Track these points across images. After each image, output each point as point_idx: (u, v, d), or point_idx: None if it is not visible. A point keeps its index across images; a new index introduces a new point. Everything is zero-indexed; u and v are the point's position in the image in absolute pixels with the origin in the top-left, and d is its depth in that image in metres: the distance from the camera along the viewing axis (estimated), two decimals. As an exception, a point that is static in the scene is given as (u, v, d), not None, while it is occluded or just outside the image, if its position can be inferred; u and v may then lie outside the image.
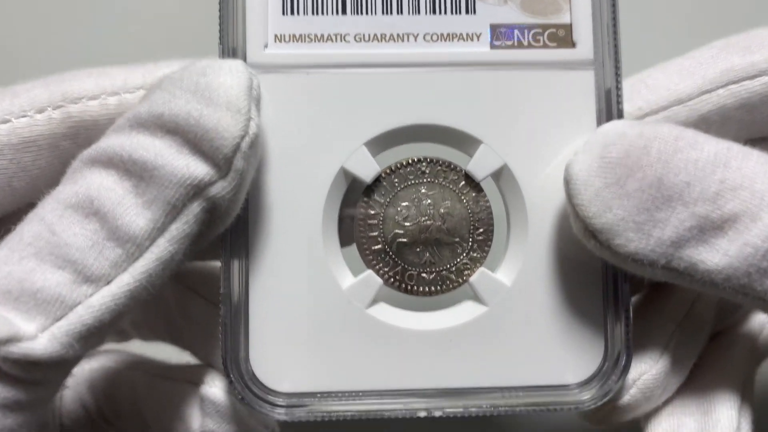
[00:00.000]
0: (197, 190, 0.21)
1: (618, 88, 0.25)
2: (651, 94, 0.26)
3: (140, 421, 0.28)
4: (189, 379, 0.27)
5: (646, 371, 0.25)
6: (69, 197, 0.22)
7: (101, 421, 0.29)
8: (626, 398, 0.25)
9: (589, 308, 0.25)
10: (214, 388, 0.26)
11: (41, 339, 0.20)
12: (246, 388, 0.24)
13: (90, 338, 0.21)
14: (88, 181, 0.22)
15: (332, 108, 0.25)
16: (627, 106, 0.25)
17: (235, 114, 0.21)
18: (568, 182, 0.22)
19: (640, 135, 0.22)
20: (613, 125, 0.23)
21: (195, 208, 0.21)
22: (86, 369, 0.29)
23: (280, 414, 0.25)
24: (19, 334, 0.20)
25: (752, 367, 0.28)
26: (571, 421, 0.37)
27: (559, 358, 0.25)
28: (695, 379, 0.27)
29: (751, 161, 0.22)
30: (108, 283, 0.21)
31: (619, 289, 0.25)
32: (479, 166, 0.25)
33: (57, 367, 0.21)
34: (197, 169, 0.21)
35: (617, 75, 0.25)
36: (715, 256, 0.21)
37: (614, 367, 0.25)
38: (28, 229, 0.22)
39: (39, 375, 0.21)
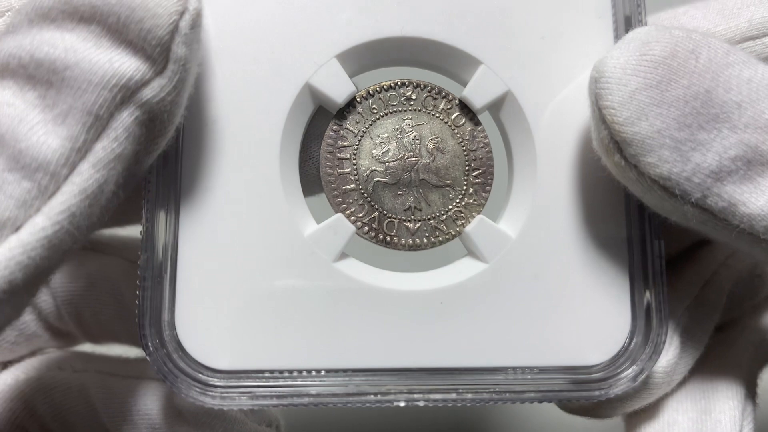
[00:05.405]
0: (126, 92, 0.16)
1: (640, 18, 0.21)
2: None
3: (99, 428, 0.22)
4: (156, 376, 0.22)
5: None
6: None
7: None
8: (630, 390, 0.20)
9: (611, 270, 0.20)
10: None
11: None
12: (168, 361, 0.18)
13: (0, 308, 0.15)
14: None
15: (297, 12, 0.20)
16: None
17: None
18: (597, 80, 0.18)
19: (689, 37, 0.18)
20: (654, 26, 0.18)
21: (126, 119, 0.16)
22: (19, 382, 0.23)
23: (213, 399, 0.18)
24: None
25: (758, 365, 0.24)
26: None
27: (576, 331, 0.20)
28: (694, 374, 0.23)
29: None
30: (16, 229, 0.16)
31: (649, 244, 0.20)
32: (478, 91, 0.20)
33: None
34: (123, 63, 0.16)
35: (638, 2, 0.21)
36: (760, 197, 0.18)
37: (645, 342, 0.20)
38: None
39: None
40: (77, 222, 0.16)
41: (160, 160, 0.19)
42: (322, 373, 0.19)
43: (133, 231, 0.23)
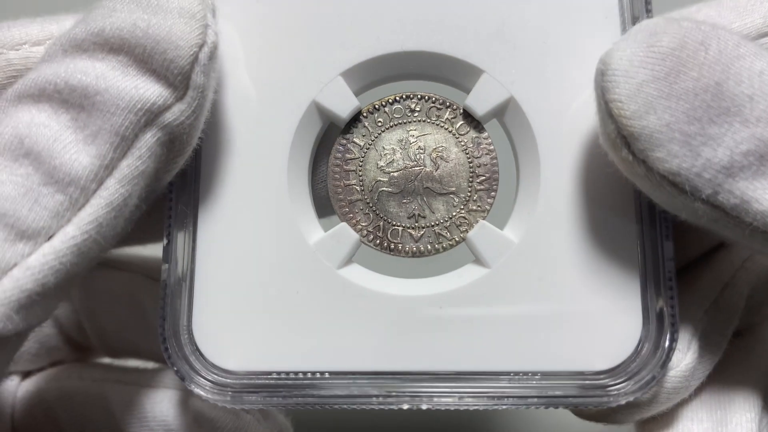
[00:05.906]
0: (150, 116, 0.18)
1: (649, 18, 0.21)
2: None
3: None
4: (173, 386, 0.23)
5: (676, 364, 0.20)
6: None
7: None
8: (647, 395, 0.20)
9: (621, 273, 0.20)
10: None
11: None
12: (185, 363, 0.20)
13: (32, 308, 0.17)
14: (15, 120, 0.18)
15: (303, 32, 0.21)
16: None
17: (189, 20, 0.18)
18: (603, 73, 0.17)
19: (698, 28, 0.18)
20: (660, 17, 0.18)
21: (149, 140, 0.18)
22: (40, 390, 0.25)
23: (225, 398, 0.20)
24: None
25: None
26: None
27: (582, 336, 0.19)
28: (710, 382, 0.22)
29: None
30: (49, 237, 0.17)
31: (660, 245, 0.19)
32: (480, 99, 0.21)
33: None
34: (148, 90, 0.18)
35: (647, 2, 0.21)
36: None
37: (655, 349, 0.19)
38: None
39: None
40: (104, 232, 0.18)
41: (179, 178, 0.20)
42: (327, 375, 0.20)
43: (154, 250, 0.24)
